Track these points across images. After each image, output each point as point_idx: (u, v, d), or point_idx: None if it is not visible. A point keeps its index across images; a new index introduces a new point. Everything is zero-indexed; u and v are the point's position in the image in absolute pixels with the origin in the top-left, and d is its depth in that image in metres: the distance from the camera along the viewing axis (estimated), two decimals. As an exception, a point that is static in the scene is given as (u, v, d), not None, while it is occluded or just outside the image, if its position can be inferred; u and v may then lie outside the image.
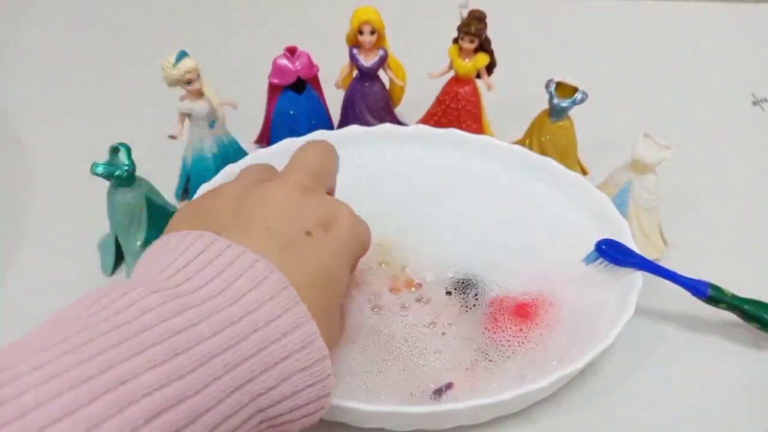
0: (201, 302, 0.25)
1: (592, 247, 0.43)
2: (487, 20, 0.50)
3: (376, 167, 0.50)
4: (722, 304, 0.40)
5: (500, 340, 0.39)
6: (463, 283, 0.43)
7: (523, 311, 0.41)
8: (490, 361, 0.38)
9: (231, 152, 0.51)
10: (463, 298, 0.42)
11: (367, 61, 0.53)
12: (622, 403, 0.40)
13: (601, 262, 0.42)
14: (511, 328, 0.40)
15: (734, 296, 0.40)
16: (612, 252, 0.41)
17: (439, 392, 0.36)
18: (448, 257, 0.44)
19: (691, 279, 0.41)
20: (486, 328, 0.40)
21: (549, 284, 0.42)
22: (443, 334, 0.40)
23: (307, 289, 0.27)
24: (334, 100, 0.57)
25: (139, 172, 0.44)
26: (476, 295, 0.42)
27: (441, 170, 0.50)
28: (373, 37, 0.51)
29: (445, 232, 0.46)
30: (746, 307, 0.40)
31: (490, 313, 0.41)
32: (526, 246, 0.45)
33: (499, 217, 0.47)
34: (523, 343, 0.39)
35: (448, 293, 0.42)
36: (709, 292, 0.40)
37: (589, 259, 0.43)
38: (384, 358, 0.38)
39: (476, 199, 0.48)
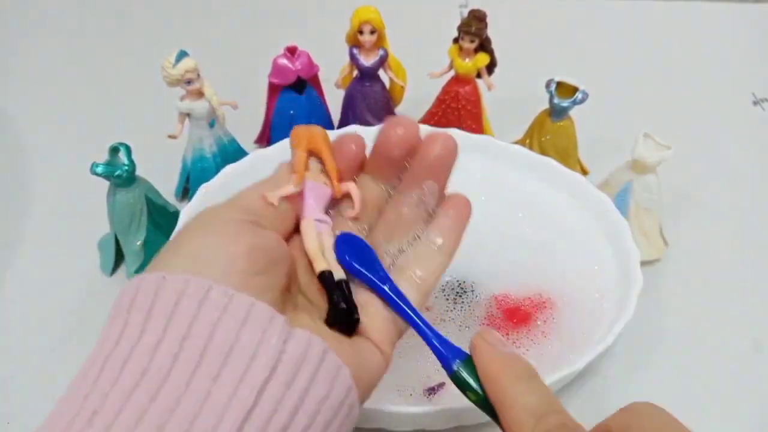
0: None
1: (592, 248, 0.42)
2: (488, 20, 0.50)
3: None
4: (469, 392, 0.26)
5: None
6: (461, 284, 0.43)
7: (522, 312, 0.41)
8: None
9: (231, 152, 0.51)
10: (462, 299, 0.42)
11: (367, 60, 0.53)
12: (622, 403, 0.39)
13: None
14: (509, 328, 0.40)
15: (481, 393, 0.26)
16: (351, 257, 0.28)
17: (431, 391, 0.36)
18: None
19: (444, 339, 0.27)
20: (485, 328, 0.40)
21: (548, 285, 0.42)
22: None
23: None
24: (334, 100, 0.57)
25: (139, 172, 0.44)
26: (475, 295, 0.42)
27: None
28: (373, 37, 0.51)
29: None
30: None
31: (489, 313, 0.41)
32: (525, 246, 0.45)
33: (499, 218, 0.47)
34: (522, 343, 0.39)
35: (446, 293, 0.42)
36: (455, 367, 0.27)
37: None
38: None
39: (476, 199, 0.48)
